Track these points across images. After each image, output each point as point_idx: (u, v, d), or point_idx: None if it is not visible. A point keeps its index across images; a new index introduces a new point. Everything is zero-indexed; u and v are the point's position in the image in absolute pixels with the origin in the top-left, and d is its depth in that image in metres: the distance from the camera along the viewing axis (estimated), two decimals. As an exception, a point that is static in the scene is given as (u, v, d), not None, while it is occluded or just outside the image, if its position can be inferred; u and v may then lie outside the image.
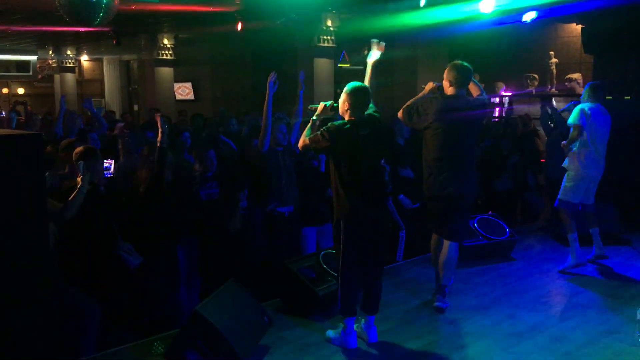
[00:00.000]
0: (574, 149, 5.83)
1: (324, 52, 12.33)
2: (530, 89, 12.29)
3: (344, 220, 4.14)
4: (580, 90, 11.47)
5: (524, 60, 12.44)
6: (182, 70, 16.37)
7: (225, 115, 10.47)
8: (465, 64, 4.79)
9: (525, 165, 8.47)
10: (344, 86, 4.24)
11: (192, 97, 17.37)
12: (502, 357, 4.04)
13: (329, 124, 4.15)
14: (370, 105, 4.26)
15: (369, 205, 4.13)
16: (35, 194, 2.94)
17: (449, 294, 5.22)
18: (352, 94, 4.15)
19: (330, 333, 4.31)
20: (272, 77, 5.59)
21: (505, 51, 12.51)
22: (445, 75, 4.80)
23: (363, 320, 4.31)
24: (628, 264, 6.08)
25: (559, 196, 5.96)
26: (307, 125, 4.30)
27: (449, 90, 4.79)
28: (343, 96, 4.19)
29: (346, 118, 4.17)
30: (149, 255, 4.89)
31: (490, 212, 6.79)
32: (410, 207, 6.71)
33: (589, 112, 5.76)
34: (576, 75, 11.66)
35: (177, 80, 16.51)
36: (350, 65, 15.82)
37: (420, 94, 4.99)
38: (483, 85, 12.52)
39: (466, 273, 5.80)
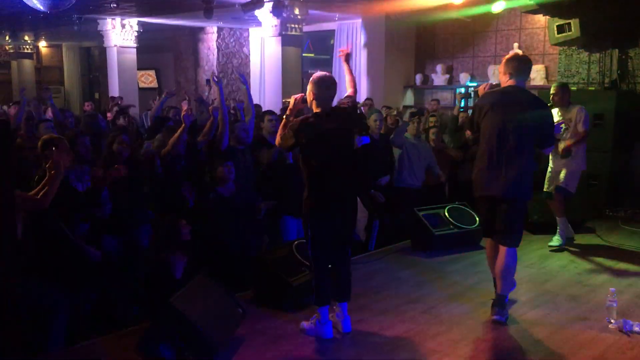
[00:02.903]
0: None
1: (291, 41, 12.21)
2: (493, 80, 12.42)
3: (310, 213, 4.11)
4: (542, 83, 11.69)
5: (488, 52, 12.56)
6: (145, 57, 16.04)
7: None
8: (525, 56, 4.64)
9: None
10: (310, 76, 4.20)
11: (156, 85, 17.06)
12: (477, 345, 4.07)
13: (292, 121, 4.10)
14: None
15: (336, 198, 4.10)
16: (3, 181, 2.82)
17: (422, 282, 5.27)
18: (317, 84, 4.08)
19: (305, 324, 4.27)
20: (212, 77, 5.61)
21: (470, 42, 12.63)
22: (502, 69, 4.50)
23: (337, 310, 4.29)
24: (594, 252, 6.20)
25: (563, 185, 6.26)
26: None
27: (507, 83, 4.49)
28: (308, 87, 4.12)
29: (313, 110, 4.12)
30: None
31: (456, 202, 6.84)
32: (381, 200, 6.74)
33: None
34: (539, 67, 11.84)
35: (140, 68, 16.17)
36: (315, 54, 15.76)
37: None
38: (447, 76, 12.47)
39: (438, 262, 5.83)
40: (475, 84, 12.45)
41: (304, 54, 13.85)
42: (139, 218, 5.17)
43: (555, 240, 6.32)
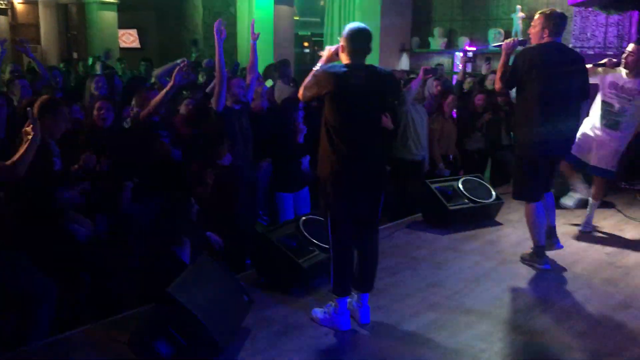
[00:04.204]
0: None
1: (284, -1, 11.57)
2: (494, 42, 11.90)
3: (330, 180, 3.58)
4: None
5: (489, 15, 12.03)
6: (127, 15, 15.23)
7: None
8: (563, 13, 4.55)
9: (499, 122, 8.07)
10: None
11: (138, 45, 16.29)
12: (513, 339, 3.62)
13: (320, 66, 3.60)
14: None
15: (359, 162, 3.56)
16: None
17: (441, 263, 4.82)
18: (350, 37, 3.56)
19: (318, 312, 3.77)
20: (218, 24, 5.01)
21: (470, 4, 12.07)
22: (540, 25, 4.41)
23: (356, 297, 3.80)
24: (619, 228, 5.76)
25: (609, 167, 5.50)
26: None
27: (546, 39, 4.42)
28: (340, 39, 3.61)
29: (343, 62, 3.61)
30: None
31: (461, 174, 6.39)
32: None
33: None
34: (544, 31, 11.31)
35: (121, 27, 15.36)
36: (302, 17, 15.05)
37: (503, 58, 4.46)
38: (446, 40, 11.92)
39: (455, 240, 5.35)
40: (474, 49, 11.92)
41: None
42: (131, 193, 4.59)
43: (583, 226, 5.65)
